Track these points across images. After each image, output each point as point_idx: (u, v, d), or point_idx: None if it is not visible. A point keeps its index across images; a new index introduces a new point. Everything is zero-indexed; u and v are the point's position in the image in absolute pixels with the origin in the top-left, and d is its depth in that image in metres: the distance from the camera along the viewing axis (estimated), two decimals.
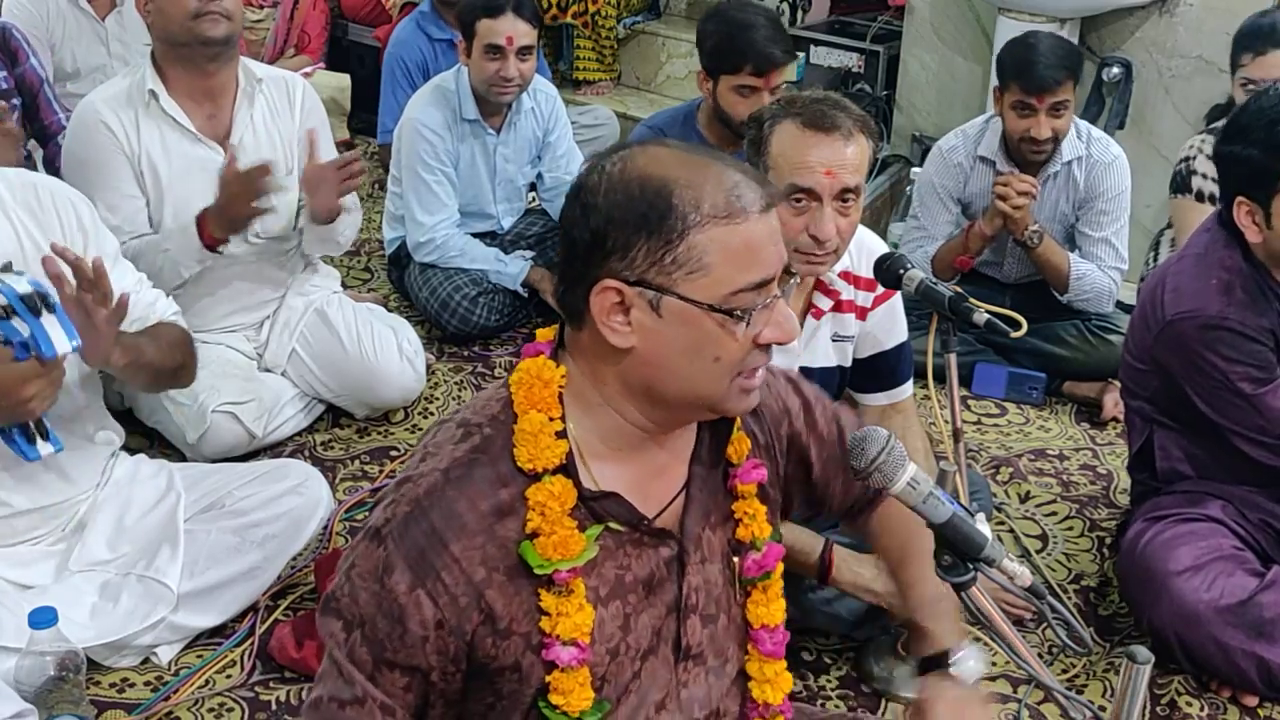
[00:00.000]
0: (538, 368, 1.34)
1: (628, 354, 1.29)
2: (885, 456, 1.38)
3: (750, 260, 1.27)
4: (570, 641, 1.31)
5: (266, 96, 2.95)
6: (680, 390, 1.31)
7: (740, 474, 1.44)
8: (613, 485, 1.35)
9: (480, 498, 1.30)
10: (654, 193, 1.25)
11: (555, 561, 1.29)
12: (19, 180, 2.24)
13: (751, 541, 1.44)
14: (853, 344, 2.44)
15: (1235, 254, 2.30)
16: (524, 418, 1.32)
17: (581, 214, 1.28)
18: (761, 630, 1.46)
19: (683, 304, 1.26)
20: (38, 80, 3.45)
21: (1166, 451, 2.48)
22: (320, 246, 3.07)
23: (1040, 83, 3.11)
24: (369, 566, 1.30)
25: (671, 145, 1.32)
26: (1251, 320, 2.26)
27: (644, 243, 1.25)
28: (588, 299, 1.28)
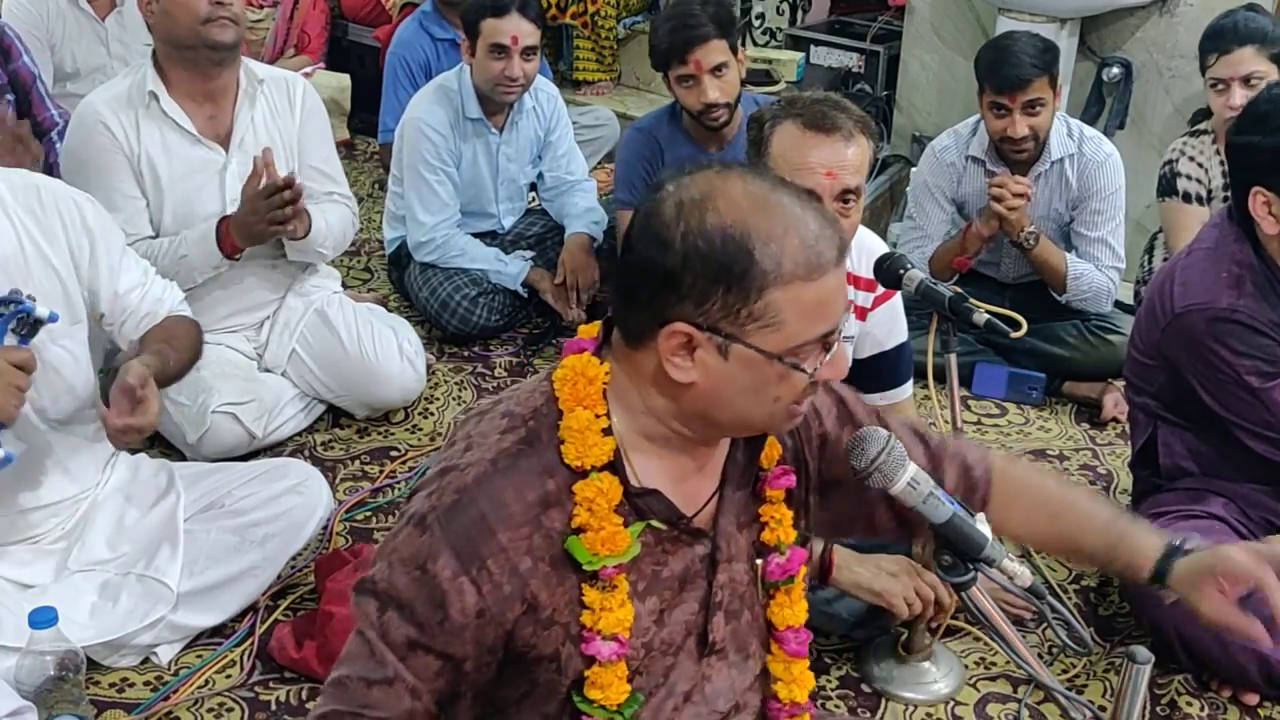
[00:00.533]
0: (583, 364, 1.35)
1: (688, 388, 1.30)
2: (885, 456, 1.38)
3: (820, 315, 1.27)
4: (611, 636, 1.32)
5: (267, 97, 2.95)
6: (732, 419, 1.33)
7: (769, 479, 1.45)
8: (654, 482, 1.36)
9: (527, 488, 1.31)
10: (736, 246, 1.23)
11: (603, 557, 1.31)
12: (21, 182, 2.24)
13: (776, 545, 1.46)
14: (853, 344, 2.44)
15: (1246, 249, 2.30)
16: (570, 415, 1.32)
17: (656, 247, 1.26)
18: (786, 631, 1.48)
19: (749, 351, 1.26)
20: (30, 77, 3.45)
21: (1170, 448, 2.48)
22: (301, 256, 3.06)
23: (1010, 81, 3.11)
24: (411, 552, 1.30)
25: (752, 183, 1.29)
26: (1261, 314, 2.26)
27: (721, 295, 1.24)
28: (652, 331, 1.28)
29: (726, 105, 3.20)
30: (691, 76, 3.18)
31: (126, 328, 2.36)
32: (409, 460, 3.06)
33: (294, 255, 3.04)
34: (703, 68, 3.16)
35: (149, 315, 2.37)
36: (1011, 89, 3.12)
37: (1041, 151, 3.27)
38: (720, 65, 3.16)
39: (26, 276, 2.16)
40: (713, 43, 3.15)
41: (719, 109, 3.20)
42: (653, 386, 1.32)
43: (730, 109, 3.22)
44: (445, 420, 3.24)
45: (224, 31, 2.75)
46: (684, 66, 3.18)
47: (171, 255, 2.81)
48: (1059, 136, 3.26)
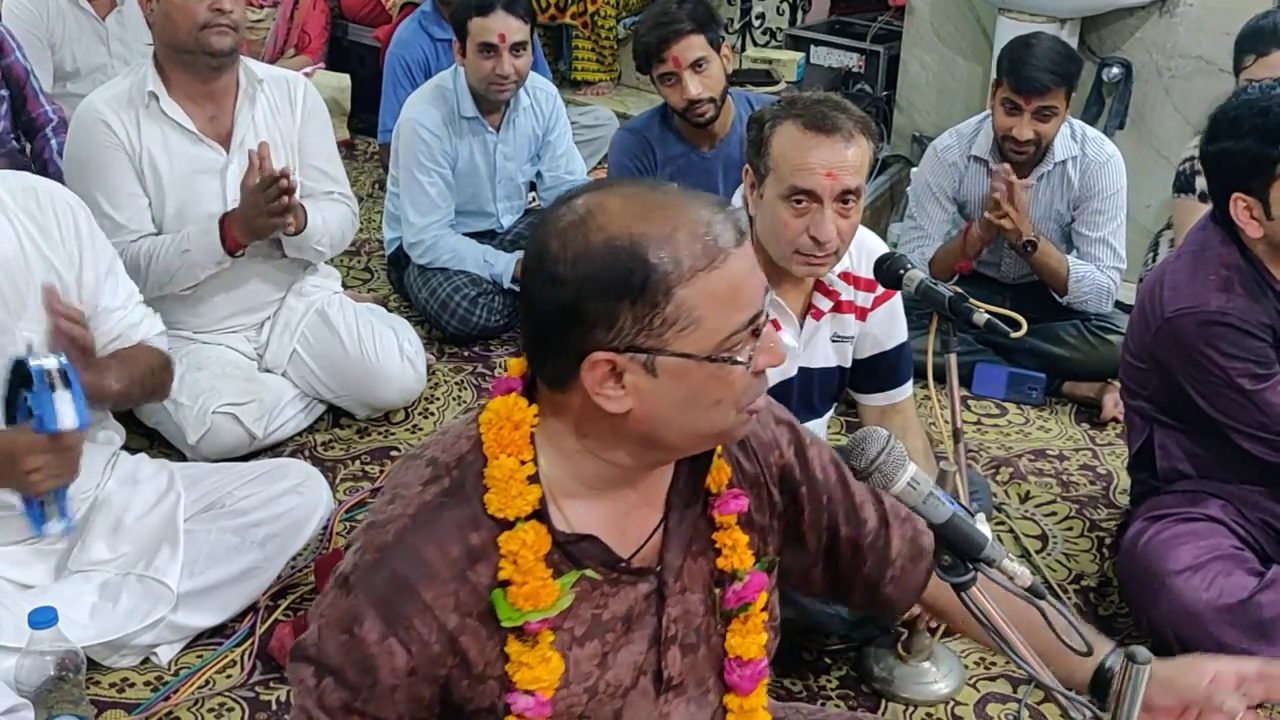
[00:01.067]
0: (508, 408, 1.28)
1: (625, 416, 1.23)
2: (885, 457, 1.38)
3: (737, 301, 1.22)
4: (528, 692, 1.27)
5: (267, 96, 2.95)
6: (679, 436, 1.27)
7: (719, 504, 1.39)
8: (587, 526, 1.30)
9: (450, 543, 1.25)
10: (628, 255, 1.18)
11: (525, 613, 1.25)
12: (19, 184, 2.24)
13: (733, 572, 1.39)
14: (852, 344, 2.45)
15: (1233, 250, 2.30)
16: (494, 463, 1.26)
17: (550, 285, 1.20)
18: (733, 661, 1.42)
19: (677, 360, 1.20)
20: (24, 73, 3.45)
21: (1167, 450, 2.48)
22: (298, 253, 3.06)
23: (1029, 84, 3.11)
24: (338, 615, 1.26)
25: (629, 191, 1.25)
26: (1251, 316, 2.26)
27: (629, 310, 1.18)
28: (572, 370, 1.22)
29: (710, 100, 3.20)
30: (672, 74, 3.18)
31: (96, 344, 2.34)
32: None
33: (292, 252, 3.04)
34: (681, 63, 3.16)
35: (120, 338, 2.33)
36: (1028, 91, 3.12)
37: (1045, 154, 3.27)
38: (699, 60, 3.16)
39: (28, 278, 2.16)
40: (690, 38, 3.15)
41: (702, 104, 3.20)
42: (588, 425, 1.26)
43: (716, 104, 3.22)
44: (445, 420, 3.24)
45: (222, 39, 2.75)
46: (664, 64, 3.18)
47: (175, 251, 2.81)
48: (1063, 138, 3.26)
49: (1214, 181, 2.33)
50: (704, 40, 3.17)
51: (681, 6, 3.17)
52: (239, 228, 2.81)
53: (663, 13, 3.18)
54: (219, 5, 2.72)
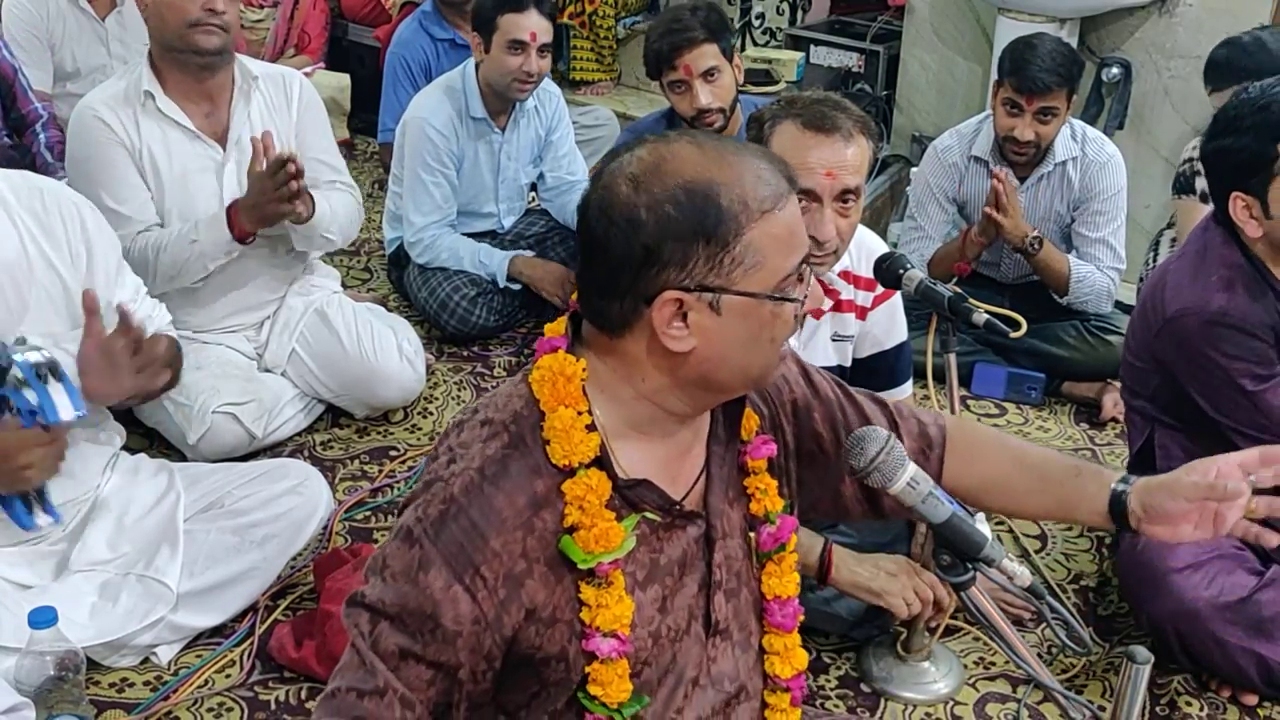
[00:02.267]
0: (559, 363, 1.34)
1: (687, 355, 1.30)
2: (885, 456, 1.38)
3: (793, 243, 1.30)
4: (610, 633, 1.32)
5: (263, 93, 2.95)
6: (732, 375, 1.33)
7: (750, 450, 1.45)
8: (641, 471, 1.36)
9: (517, 492, 1.30)
10: (703, 198, 1.25)
11: (597, 554, 1.30)
12: (24, 184, 2.24)
13: (765, 515, 1.46)
14: (852, 344, 2.45)
15: (1234, 250, 2.30)
16: (553, 414, 1.32)
17: (627, 229, 1.26)
18: (773, 602, 1.47)
19: (742, 299, 1.28)
20: (11, 71, 3.46)
21: (1167, 450, 2.48)
22: (307, 244, 3.05)
23: (1031, 84, 3.11)
24: (401, 566, 1.29)
25: (692, 140, 1.32)
26: (1252, 316, 2.26)
27: (701, 250, 1.25)
28: (639, 310, 1.28)
29: (720, 110, 3.19)
30: (682, 82, 3.17)
31: None
32: (408, 460, 3.06)
33: (300, 244, 3.03)
34: (693, 72, 3.15)
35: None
36: (1030, 92, 3.12)
37: (1045, 155, 3.27)
38: (711, 70, 3.15)
39: (30, 280, 2.16)
40: (703, 47, 3.14)
41: (712, 114, 3.18)
42: (648, 367, 1.32)
43: (725, 114, 3.20)
44: (445, 420, 3.24)
45: (209, 38, 2.75)
46: (674, 72, 3.17)
47: (183, 242, 2.80)
48: (1063, 139, 3.26)
49: (1213, 180, 2.33)
50: (717, 49, 3.16)
51: (695, 14, 3.15)
52: (246, 215, 2.80)
53: (675, 19, 3.16)
54: (211, 5, 2.72)
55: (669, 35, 3.15)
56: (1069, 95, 3.17)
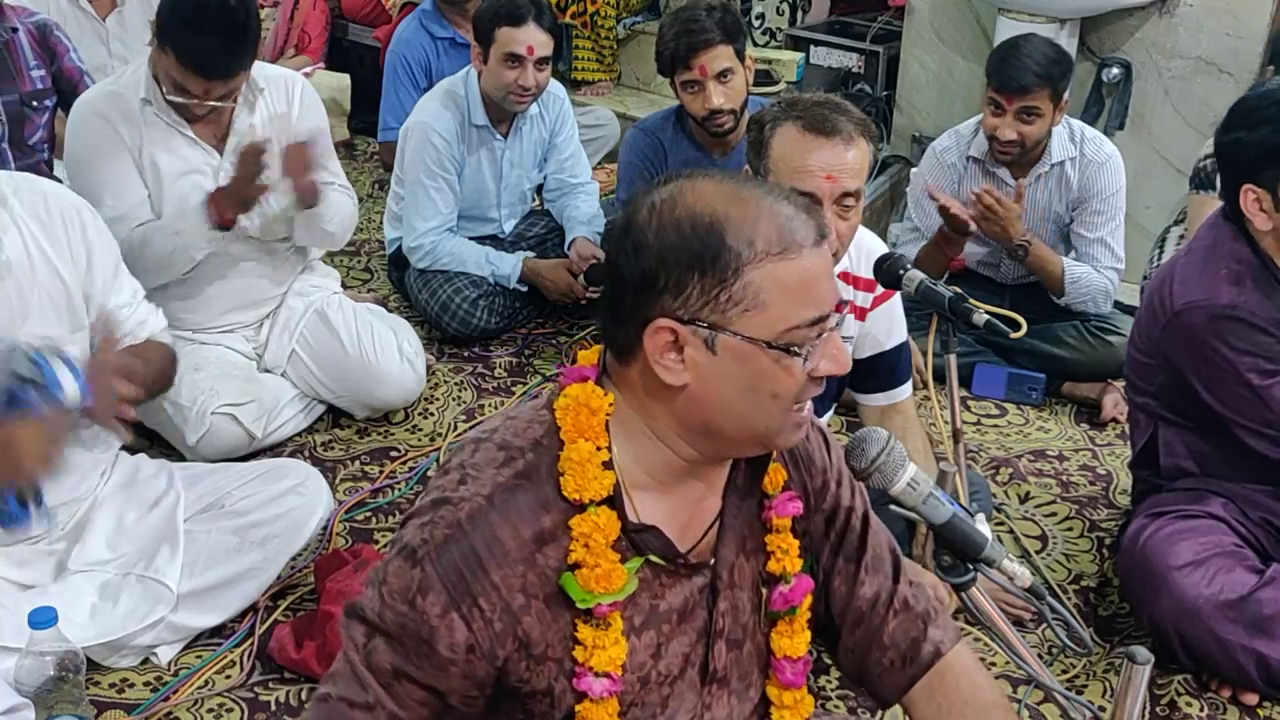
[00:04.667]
0: (585, 394, 1.31)
1: (681, 391, 1.27)
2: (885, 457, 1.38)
3: (806, 296, 1.25)
4: (603, 674, 1.30)
5: (266, 100, 2.95)
6: (735, 426, 1.29)
7: (776, 506, 1.42)
8: (652, 517, 1.33)
9: (524, 524, 1.28)
10: (706, 230, 1.23)
11: (597, 595, 1.28)
12: (28, 187, 2.24)
13: (781, 575, 1.42)
14: (852, 345, 2.45)
15: (1243, 246, 2.30)
16: (572, 446, 1.29)
17: (633, 252, 1.25)
18: (784, 661, 1.45)
19: (739, 341, 1.24)
20: (78, 73, 3.46)
21: (1170, 447, 2.48)
22: (310, 237, 3.05)
23: (1010, 83, 3.12)
24: (401, 586, 1.28)
25: (720, 178, 1.29)
26: (1261, 311, 2.26)
27: (698, 281, 1.23)
28: (639, 336, 1.26)
29: (731, 112, 3.19)
30: (696, 82, 3.17)
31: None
32: (409, 460, 3.06)
33: (301, 236, 3.03)
34: (707, 73, 3.15)
35: (129, 335, 2.34)
36: (1010, 91, 3.13)
37: (1042, 154, 3.27)
38: (725, 71, 3.15)
39: (32, 282, 2.16)
40: (718, 48, 3.14)
41: (723, 115, 3.18)
42: (649, 400, 1.29)
43: (735, 116, 3.20)
44: (445, 420, 3.24)
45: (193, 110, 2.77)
46: (689, 72, 3.17)
47: (168, 233, 2.80)
48: (1060, 139, 3.26)
49: (1226, 172, 2.34)
50: (731, 51, 3.16)
51: (710, 15, 3.15)
52: (225, 199, 2.78)
53: (692, 19, 3.15)
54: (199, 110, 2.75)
55: (685, 35, 3.15)
56: (1053, 96, 3.15)
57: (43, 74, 3.38)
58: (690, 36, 3.13)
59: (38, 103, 3.36)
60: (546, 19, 3.46)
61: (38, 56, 3.38)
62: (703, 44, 3.13)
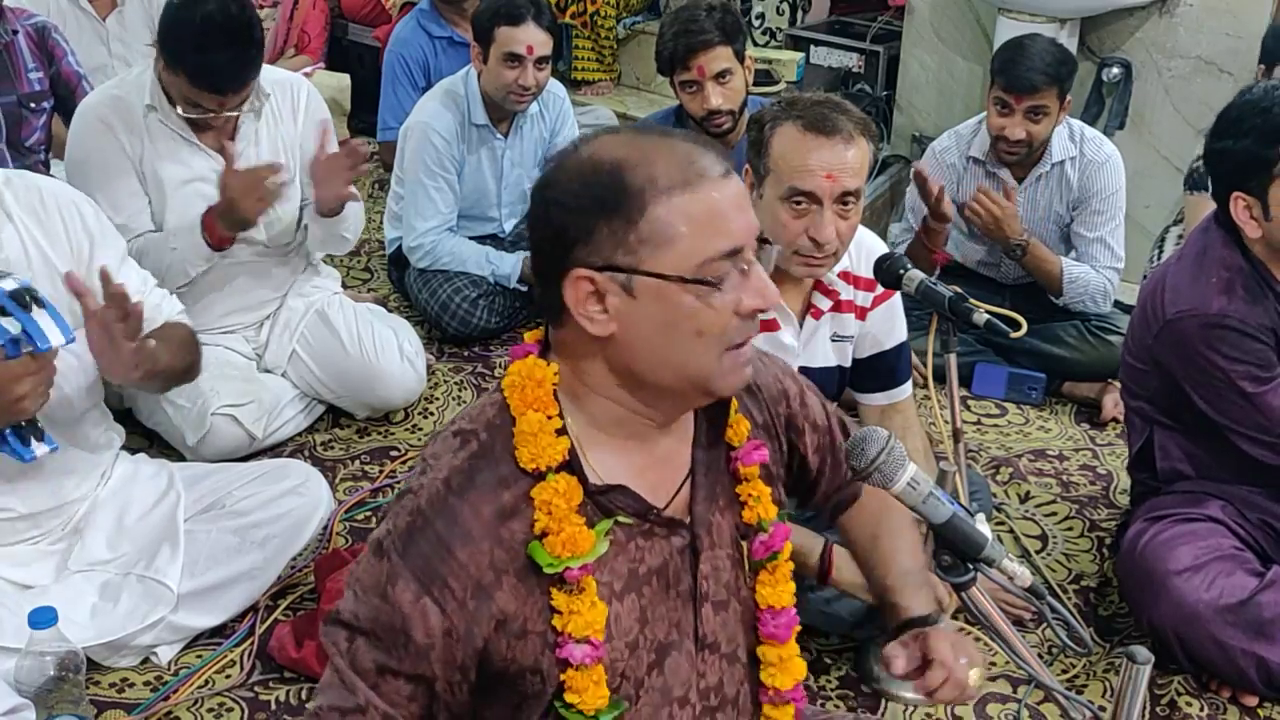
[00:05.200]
0: (529, 368, 1.32)
1: (609, 341, 1.27)
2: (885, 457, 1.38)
3: (716, 226, 1.24)
4: (583, 639, 1.30)
5: (271, 106, 2.94)
6: (666, 372, 1.28)
7: (742, 455, 1.42)
8: (617, 477, 1.33)
9: (483, 502, 1.29)
10: (607, 174, 1.24)
11: (565, 559, 1.28)
12: (23, 184, 2.24)
13: (758, 523, 1.43)
14: (852, 344, 2.45)
15: (1235, 253, 2.30)
16: (522, 419, 1.30)
17: (544, 212, 1.27)
18: (767, 612, 1.45)
19: (654, 281, 1.23)
20: (75, 76, 3.47)
21: (1166, 451, 2.48)
22: (325, 244, 3.06)
23: (1019, 83, 3.12)
24: (372, 580, 1.29)
25: (623, 130, 1.32)
26: (1252, 318, 2.26)
27: (604, 225, 1.23)
28: (560, 293, 1.26)
29: (730, 112, 3.19)
30: (695, 82, 3.17)
31: None
32: (409, 460, 3.06)
33: (315, 244, 3.04)
34: (706, 74, 3.15)
35: (148, 321, 2.35)
36: (1020, 90, 3.13)
37: (1042, 154, 3.27)
38: (724, 72, 3.15)
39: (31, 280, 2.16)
40: (717, 49, 3.14)
41: (722, 116, 3.18)
42: (583, 356, 1.30)
43: (734, 116, 3.20)
44: (445, 420, 3.24)
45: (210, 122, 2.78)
46: (687, 72, 3.17)
47: (163, 248, 2.80)
48: (1060, 139, 3.26)
49: (1215, 180, 2.33)
50: (730, 52, 3.16)
51: (710, 15, 3.15)
52: (221, 220, 2.78)
53: (691, 19, 3.16)
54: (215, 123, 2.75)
55: (684, 36, 3.15)
56: (1060, 95, 3.16)
57: (40, 76, 3.38)
58: (689, 37, 3.14)
59: (35, 105, 3.36)
60: (545, 18, 3.46)
61: (36, 59, 3.38)
62: (701, 45, 3.13)
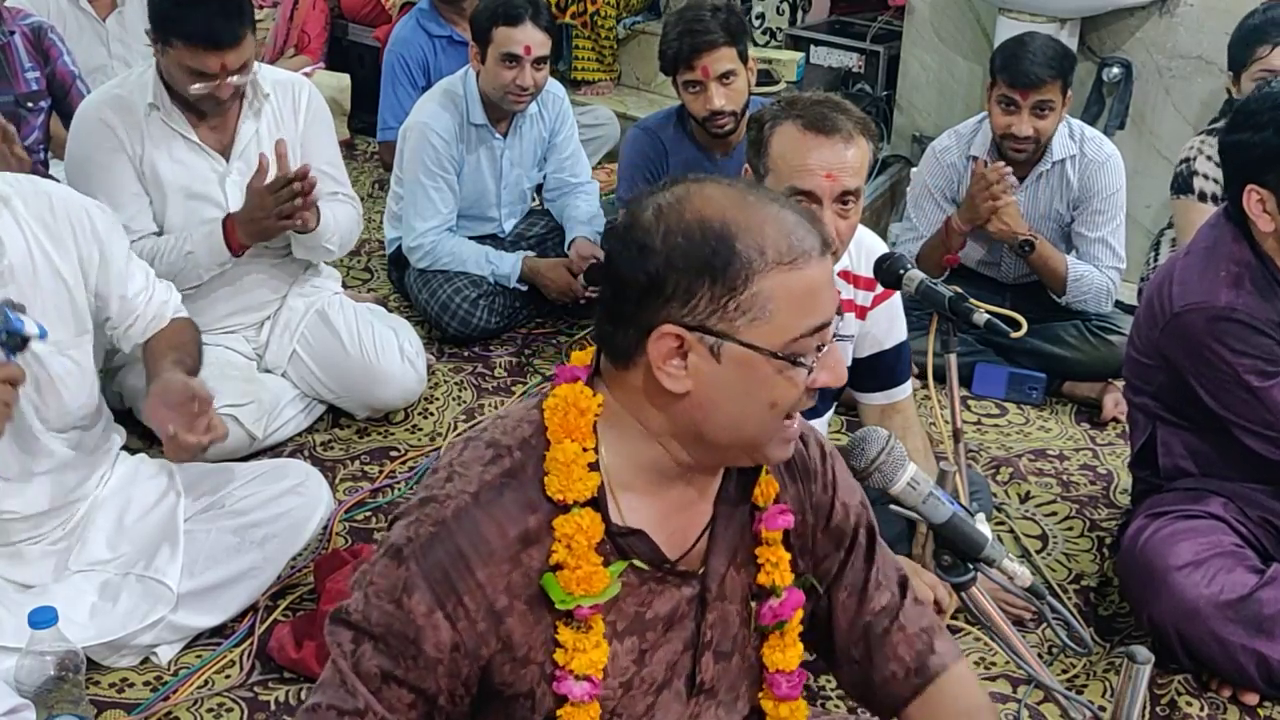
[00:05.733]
0: (574, 394, 1.31)
1: (682, 397, 1.26)
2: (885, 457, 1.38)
3: (811, 305, 1.25)
4: (584, 677, 1.29)
5: (272, 106, 2.94)
6: (729, 434, 1.28)
7: (766, 519, 1.40)
8: (639, 521, 1.32)
9: (509, 523, 1.28)
10: (716, 237, 1.22)
11: (577, 597, 1.27)
12: (32, 190, 2.24)
13: (771, 588, 1.41)
14: (852, 344, 2.45)
15: (1244, 247, 2.30)
16: (558, 446, 1.29)
17: (638, 254, 1.24)
18: (778, 675, 1.44)
19: (744, 350, 1.23)
20: (70, 76, 3.47)
21: (1169, 448, 2.48)
22: (309, 254, 3.06)
23: (1025, 78, 3.12)
24: (388, 585, 1.27)
25: (726, 184, 1.29)
26: (1260, 313, 2.26)
27: (707, 289, 1.22)
28: (642, 341, 1.25)
29: (732, 113, 3.18)
30: (698, 83, 3.17)
31: (134, 330, 2.37)
32: (409, 460, 3.06)
33: (300, 252, 3.03)
34: (710, 74, 3.14)
35: (156, 318, 2.39)
36: (1025, 86, 3.13)
37: (1043, 153, 3.27)
38: (728, 73, 3.15)
39: (35, 287, 2.16)
40: (721, 50, 3.13)
41: (724, 117, 3.18)
42: (646, 403, 1.28)
43: (736, 117, 3.19)
44: (445, 420, 3.24)
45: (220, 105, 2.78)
46: (691, 72, 3.16)
47: (177, 252, 2.81)
48: (1061, 138, 3.26)
49: (1229, 173, 2.33)
50: (734, 53, 3.16)
51: (715, 16, 3.15)
52: (243, 229, 2.81)
53: (696, 19, 3.15)
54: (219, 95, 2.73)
55: (689, 35, 3.14)
56: (1064, 89, 3.16)
57: (37, 76, 3.38)
58: (694, 37, 3.13)
59: (33, 104, 3.36)
60: (544, 18, 3.46)
61: (32, 59, 3.38)
62: (706, 45, 3.13)
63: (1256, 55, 3.22)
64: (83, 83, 3.49)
